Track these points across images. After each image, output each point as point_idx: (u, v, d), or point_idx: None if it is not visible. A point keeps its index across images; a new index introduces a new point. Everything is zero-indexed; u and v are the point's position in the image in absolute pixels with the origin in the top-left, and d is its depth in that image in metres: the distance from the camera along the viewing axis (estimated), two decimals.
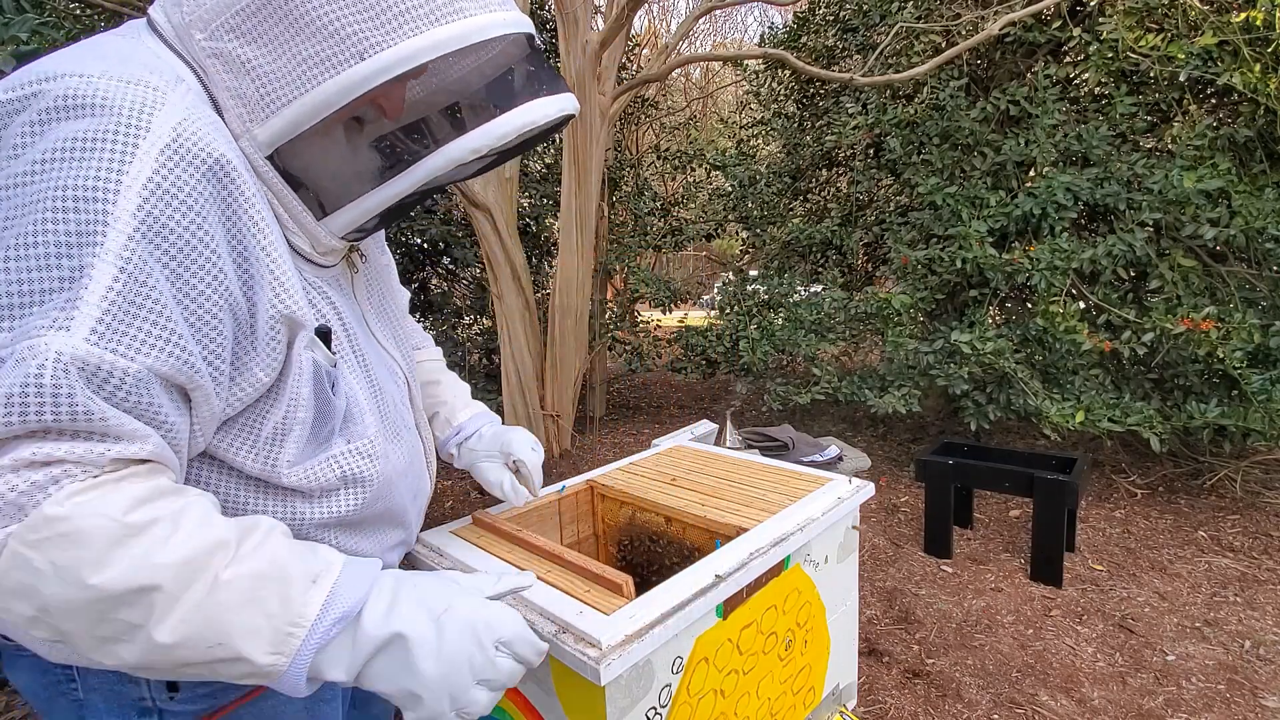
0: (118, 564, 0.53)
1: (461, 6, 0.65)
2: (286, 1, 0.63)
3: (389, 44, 0.63)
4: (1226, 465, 3.55)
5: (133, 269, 0.56)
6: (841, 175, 5.80)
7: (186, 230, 0.59)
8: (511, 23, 0.68)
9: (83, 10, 4.12)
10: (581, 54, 3.92)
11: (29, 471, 0.52)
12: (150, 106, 0.59)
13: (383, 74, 0.63)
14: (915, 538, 3.17)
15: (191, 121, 0.61)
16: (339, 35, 0.62)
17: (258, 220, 0.65)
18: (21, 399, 0.51)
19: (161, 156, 0.58)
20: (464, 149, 0.67)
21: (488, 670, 0.65)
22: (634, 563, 1.37)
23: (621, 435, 5.07)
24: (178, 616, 0.55)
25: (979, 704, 2.06)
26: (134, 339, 0.56)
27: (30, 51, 1.39)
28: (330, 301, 0.77)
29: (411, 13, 0.63)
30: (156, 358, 0.57)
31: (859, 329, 4.33)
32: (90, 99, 0.57)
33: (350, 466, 0.75)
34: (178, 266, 0.59)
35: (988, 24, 3.41)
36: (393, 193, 0.69)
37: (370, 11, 0.62)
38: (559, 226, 4.64)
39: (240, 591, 0.58)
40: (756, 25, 14.56)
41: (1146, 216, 3.28)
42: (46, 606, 0.53)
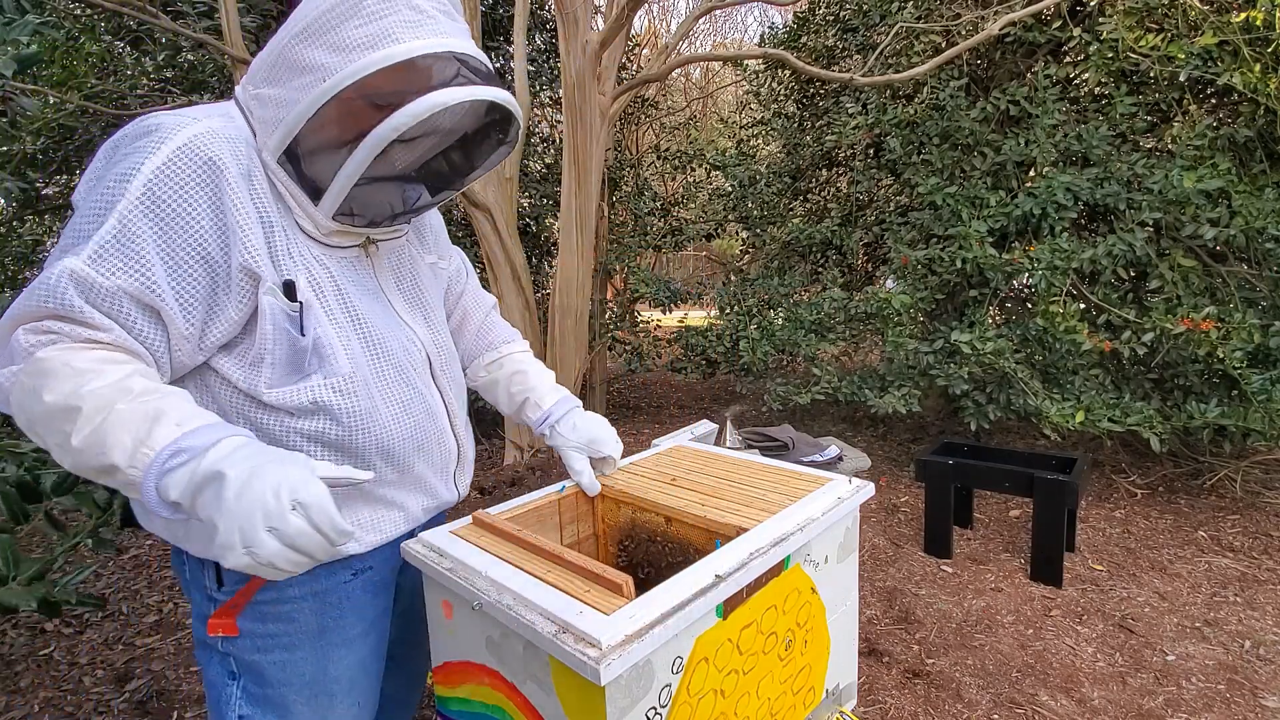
0: (60, 390, 0.80)
1: (397, 36, 0.89)
2: (286, 51, 0.91)
3: (339, 68, 0.88)
4: (1226, 465, 3.55)
5: (126, 223, 0.84)
6: (841, 175, 5.79)
7: (175, 202, 0.86)
8: (433, 45, 0.90)
9: (82, 10, 4.12)
10: (581, 54, 3.92)
11: (38, 335, 0.83)
12: (180, 127, 0.89)
13: (331, 90, 0.88)
14: (915, 538, 3.17)
15: (203, 135, 0.89)
16: (313, 68, 0.89)
17: (238, 204, 0.91)
18: (42, 292, 0.82)
19: (171, 154, 0.87)
20: (383, 131, 0.87)
21: (276, 520, 0.77)
22: (634, 563, 1.37)
23: (621, 435, 5.06)
24: (86, 430, 0.79)
25: (979, 704, 2.06)
26: (113, 267, 0.83)
27: (32, 55, 1.39)
28: (327, 270, 1.00)
29: (359, 46, 0.88)
30: (126, 281, 0.84)
31: (859, 329, 4.33)
32: (152, 125, 0.90)
33: (320, 396, 0.96)
34: (163, 225, 0.86)
35: (988, 24, 3.40)
36: (348, 174, 0.91)
37: (333, 49, 0.88)
38: (559, 226, 4.64)
39: (125, 420, 0.80)
40: (756, 25, 14.57)
41: (1146, 216, 3.28)
42: (31, 416, 0.82)
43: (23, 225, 4.77)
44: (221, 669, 1.04)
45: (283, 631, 1.02)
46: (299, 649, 1.03)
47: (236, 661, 1.03)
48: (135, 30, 4.06)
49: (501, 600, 0.94)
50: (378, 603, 1.12)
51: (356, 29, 0.88)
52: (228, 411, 0.94)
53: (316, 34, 0.89)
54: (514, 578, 0.98)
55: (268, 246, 0.93)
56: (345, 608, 1.06)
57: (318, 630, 1.04)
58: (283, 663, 1.02)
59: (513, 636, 0.95)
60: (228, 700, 1.03)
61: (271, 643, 1.02)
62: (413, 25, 0.90)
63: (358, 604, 1.08)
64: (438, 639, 1.13)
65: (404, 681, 1.29)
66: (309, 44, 0.89)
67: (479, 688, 1.05)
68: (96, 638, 2.57)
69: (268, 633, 1.01)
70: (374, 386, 1.01)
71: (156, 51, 4.25)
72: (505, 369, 1.39)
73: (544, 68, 5.82)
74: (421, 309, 1.15)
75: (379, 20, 0.88)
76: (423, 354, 1.11)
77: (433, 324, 1.16)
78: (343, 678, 1.08)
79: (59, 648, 2.51)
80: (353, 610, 1.07)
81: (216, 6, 3.29)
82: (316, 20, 0.89)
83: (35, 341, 0.82)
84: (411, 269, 1.16)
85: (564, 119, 4.19)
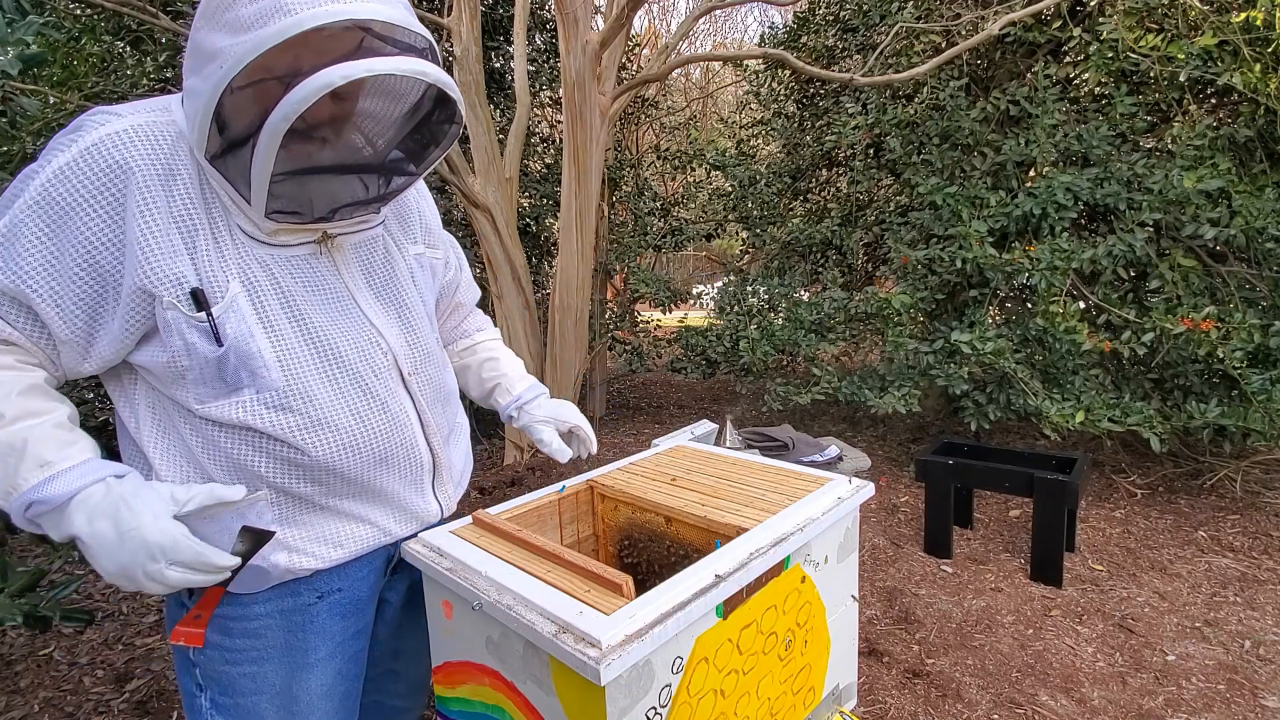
0: None
1: (291, 9, 0.78)
2: (196, 39, 0.83)
3: (236, 50, 0.78)
4: (1226, 465, 3.55)
5: (16, 222, 0.82)
6: (841, 175, 5.79)
7: (68, 205, 0.82)
8: (333, 14, 0.79)
9: (83, 10, 4.12)
10: (581, 54, 3.92)
11: None
12: (98, 126, 0.85)
13: (229, 74, 0.78)
14: (915, 538, 3.17)
15: (116, 135, 0.84)
16: (215, 53, 0.80)
17: (147, 210, 0.85)
18: None
19: (76, 155, 0.83)
20: (278, 116, 0.78)
21: (159, 576, 0.83)
22: (634, 563, 1.37)
23: (621, 435, 5.07)
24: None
25: (979, 704, 2.06)
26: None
27: (36, 55, 1.39)
28: (269, 272, 0.93)
29: (253, 23, 0.78)
30: (2, 279, 0.82)
31: (859, 329, 4.33)
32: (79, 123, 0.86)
33: (252, 411, 0.90)
34: (52, 227, 0.83)
35: (988, 24, 3.40)
36: (259, 168, 0.83)
37: (229, 29, 0.79)
38: (559, 226, 4.63)
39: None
40: (756, 25, 14.57)
41: (1146, 216, 3.27)
42: None
43: None
44: (189, 679, 1.02)
45: (250, 646, 0.99)
46: (268, 663, 1.00)
47: (203, 673, 1.00)
48: (135, 30, 4.05)
49: (501, 600, 0.94)
50: (347, 625, 1.07)
51: (250, 5, 0.78)
52: (177, 423, 0.92)
53: (215, 13, 0.81)
54: (514, 578, 0.98)
55: (188, 252, 0.87)
56: (309, 630, 1.02)
57: (284, 648, 1.01)
58: (253, 674, 1.00)
59: (513, 636, 0.95)
60: (198, 711, 1.02)
61: (240, 656, 0.99)
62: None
63: (321, 627, 1.03)
64: (438, 639, 1.13)
65: (405, 690, 1.26)
66: (210, 26, 0.81)
67: (479, 688, 1.05)
68: (96, 638, 2.57)
69: (235, 647, 0.99)
70: (321, 396, 0.94)
71: (156, 51, 4.25)
72: (478, 355, 1.39)
73: (544, 68, 5.82)
74: (396, 306, 1.07)
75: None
76: (388, 357, 1.03)
77: (408, 322, 1.07)
78: (311, 697, 1.04)
79: (59, 648, 2.51)
80: (316, 633, 1.02)
81: None
82: (211, 2, 0.81)
83: None
84: (387, 262, 1.07)
85: (564, 119, 4.19)
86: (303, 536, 0.97)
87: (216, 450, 0.91)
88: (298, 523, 0.97)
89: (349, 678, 1.09)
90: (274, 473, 0.93)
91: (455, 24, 3.92)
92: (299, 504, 0.97)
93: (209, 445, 0.91)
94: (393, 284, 1.07)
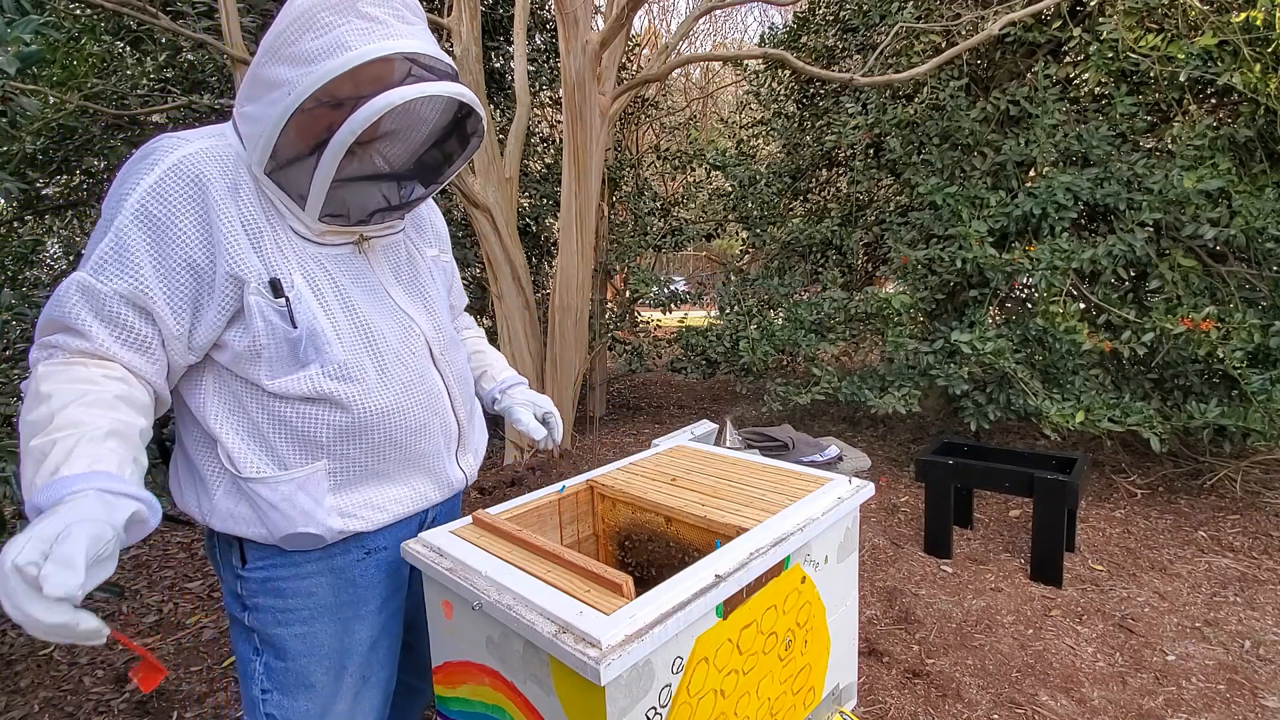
0: (24, 413, 0.90)
1: (350, 44, 0.94)
2: (259, 71, 0.99)
3: (301, 80, 0.94)
4: (1226, 465, 3.55)
5: (121, 236, 0.95)
6: (841, 175, 5.79)
7: (164, 216, 0.96)
8: (385, 48, 0.96)
9: (83, 10, 4.12)
10: (581, 54, 3.92)
11: (40, 351, 0.96)
12: (173, 149, 0.99)
13: (295, 103, 0.94)
14: (915, 538, 3.17)
15: (192, 156, 0.98)
16: (280, 83, 0.96)
17: (224, 216, 0.99)
18: (55, 303, 0.95)
19: (163, 174, 0.97)
20: (342, 135, 0.94)
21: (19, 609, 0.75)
22: (634, 563, 1.37)
23: (621, 435, 5.07)
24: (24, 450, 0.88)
25: (979, 704, 2.06)
26: (111, 274, 0.94)
27: (34, 53, 1.39)
28: (322, 266, 1.08)
29: (316, 57, 0.94)
30: (122, 285, 0.94)
31: (859, 329, 4.33)
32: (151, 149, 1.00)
33: (319, 384, 1.04)
34: (154, 236, 0.96)
35: (988, 24, 3.40)
36: (321, 177, 0.99)
37: (293, 62, 0.95)
38: (559, 226, 4.63)
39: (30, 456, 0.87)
40: (756, 25, 14.56)
41: (1146, 216, 3.27)
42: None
43: (23, 225, 4.77)
44: (247, 645, 1.13)
45: (301, 605, 1.10)
46: (317, 621, 1.11)
47: (260, 637, 1.11)
48: (135, 30, 4.05)
49: (501, 600, 0.94)
50: (391, 581, 1.18)
51: (312, 41, 0.95)
52: (246, 404, 1.04)
53: (279, 50, 0.96)
54: (514, 578, 0.98)
55: (255, 251, 1.01)
56: (360, 584, 1.14)
57: (334, 605, 1.12)
58: (303, 635, 1.10)
59: (513, 636, 0.95)
60: (252, 675, 1.12)
61: (291, 616, 1.10)
62: (363, 32, 0.96)
63: (371, 581, 1.15)
64: (438, 639, 1.13)
65: (417, 670, 1.36)
66: (274, 61, 0.97)
67: (479, 688, 1.05)
68: None
69: (288, 607, 1.09)
70: (371, 371, 1.08)
71: (156, 51, 4.25)
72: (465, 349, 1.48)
73: (544, 68, 5.82)
74: (421, 298, 1.21)
75: (331, 31, 0.95)
76: (421, 340, 1.17)
77: (432, 312, 1.22)
78: (360, 650, 1.15)
79: (59, 648, 2.51)
80: (367, 586, 1.14)
81: (216, 6, 3.29)
82: (278, 38, 0.97)
83: (35, 357, 0.95)
84: (410, 262, 1.23)
85: (564, 119, 4.18)
86: (354, 502, 1.09)
87: (282, 424, 1.03)
88: (350, 489, 1.09)
89: (391, 634, 1.21)
90: (334, 441, 1.06)
91: (455, 24, 3.92)
92: (352, 471, 1.09)
93: (275, 420, 1.03)
94: (417, 280, 1.22)
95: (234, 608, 1.13)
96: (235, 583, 1.11)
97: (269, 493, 1.03)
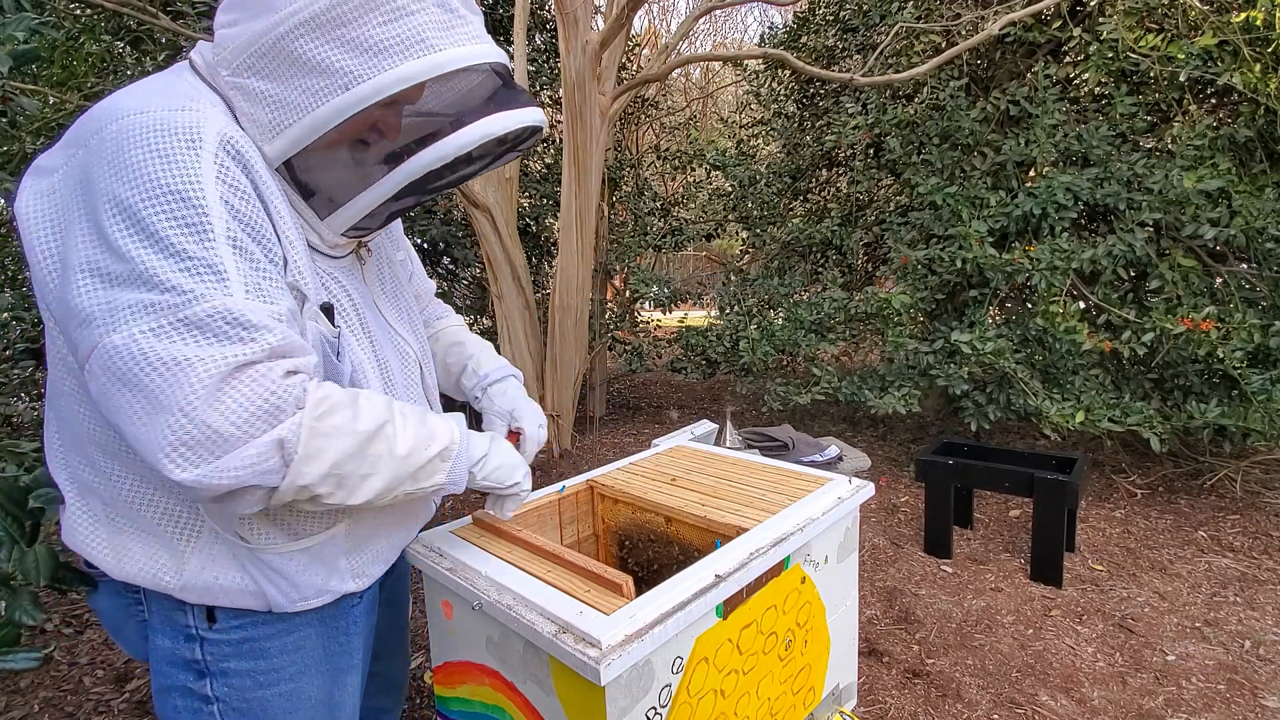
0: (364, 414, 0.81)
1: (432, 43, 0.79)
2: (289, 45, 0.78)
3: (368, 76, 0.77)
4: (1226, 465, 3.55)
5: (241, 247, 0.75)
6: (841, 175, 5.79)
7: (250, 210, 0.77)
8: (476, 55, 0.81)
9: (82, 10, 4.12)
10: (581, 54, 3.92)
11: (289, 379, 0.75)
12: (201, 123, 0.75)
13: (360, 103, 0.78)
14: (915, 538, 3.17)
15: (229, 130, 0.78)
16: (329, 70, 0.77)
17: (279, 207, 0.82)
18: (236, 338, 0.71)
19: (215, 160, 0.74)
20: (428, 160, 0.81)
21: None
22: (634, 563, 1.37)
23: (621, 435, 5.07)
24: (407, 432, 0.85)
25: (979, 704, 2.06)
26: (269, 293, 0.76)
27: (28, 51, 1.38)
28: (340, 285, 0.93)
29: (388, 49, 0.77)
30: (285, 299, 0.78)
31: (859, 329, 4.33)
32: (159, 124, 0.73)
33: None
34: (252, 233, 0.77)
35: (988, 24, 3.40)
36: (375, 197, 0.84)
37: (353, 49, 0.77)
38: (559, 226, 4.63)
39: (413, 411, 0.88)
40: (756, 25, 14.55)
41: (1146, 216, 3.27)
42: (335, 459, 0.78)
43: None
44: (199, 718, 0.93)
45: (288, 663, 0.95)
46: (305, 677, 0.97)
47: (226, 706, 0.93)
48: (135, 30, 4.05)
49: (501, 600, 0.94)
50: (369, 621, 1.08)
51: (380, 27, 0.77)
52: None
53: (328, 27, 0.77)
54: (514, 578, 0.98)
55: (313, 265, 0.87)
56: (351, 632, 1.02)
57: (324, 657, 0.99)
58: (288, 693, 0.96)
59: (513, 636, 0.95)
60: None
61: (276, 676, 0.94)
62: (444, 27, 0.80)
63: (360, 627, 1.04)
64: (438, 639, 1.13)
65: (383, 688, 1.25)
66: (318, 38, 0.77)
67: (479, 688, 1.05)
68: (96, 638, 2.57)
69: (271, 667, 0.94)
70: None
71: (156, 51, 4.25)
72: (442, 341, 1.31)
73: (544, 68, 5.82)
74: (406, 314, 1.08)
75: (406, 18, 0.78)
76: (415, 364, 1.06)
77: (416, 329, 1.09)
78: (350, 703, 1.03)
79: (59, 648, 2.51)
80: (357, 634, 1.03)
81: (216, 6, 3.29)
82: (325, 11, 0.76)
83: (295, 384, 0.76)
84: (391, 271, 1.09)
85: (564, 119, 4.18)
86: (366, 559, 0.98)
87: None
88: (363, 547, 0.97)
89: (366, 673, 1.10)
90: None
91: None
92: (367, 527, 0.97)
93: None
94: (397, 289, 1.08)
95: (180, 677, 0.91)
96: (189, 647, 0.90)
97: (282, 563, 0.87)
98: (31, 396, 3.86)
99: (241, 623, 0.90)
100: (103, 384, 0.70)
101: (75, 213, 0.74)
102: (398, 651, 1.24)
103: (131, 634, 0.95)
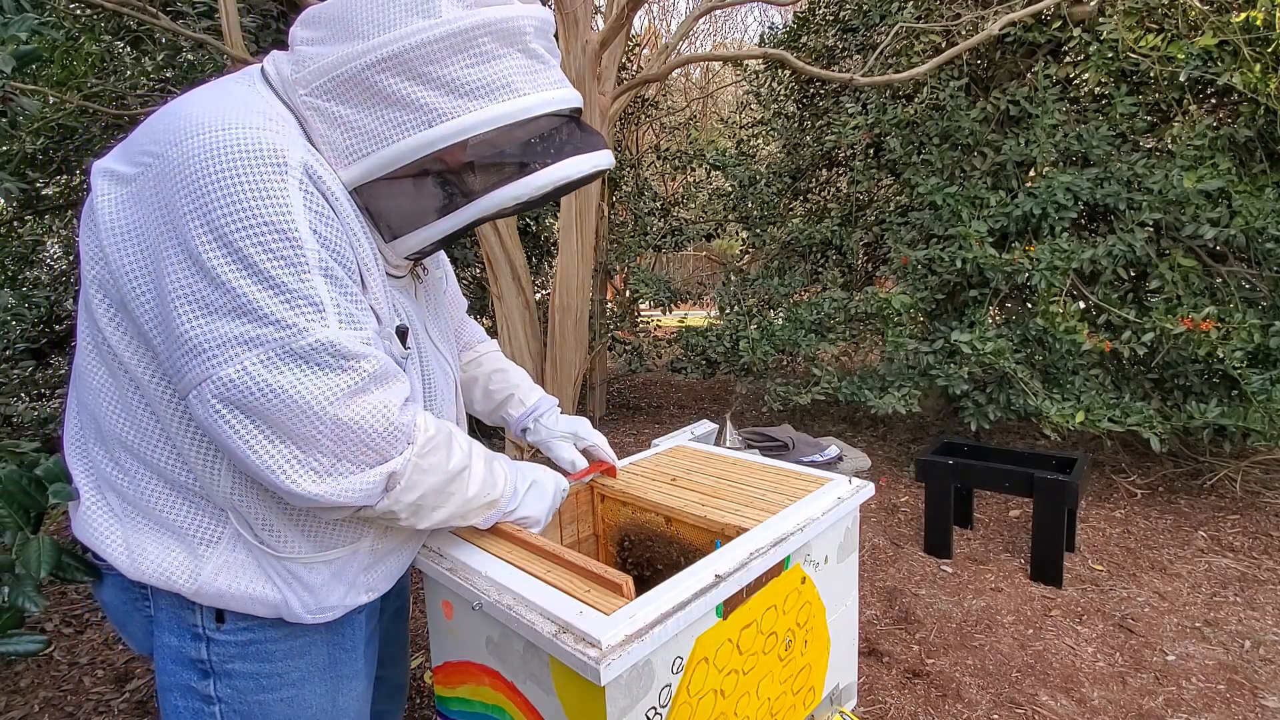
0: (455, 454, 0.91)
1: (516, 86, 0.82)
2: (373, 76, 0.80)
3: (453, 115, 0.80)
4: (1226, 465, 3.55)
5: (330, 274, 0.78)
6: (841, 175, 5.79)
7: (334, 235, 0.80)
8: (558, 100, 0.85)
9: (82, 10, 4.12)
10: (581, 54, 3.92)
11: (404, 413, 0.83)
12: (280, 148, 0.76)
13: (445, 140, 0.80)
14: (915, 538, 3.17)
15: (308, 154, 0.79)
16: (414, 105, 0.80)
17: (355, 230, 0.84)
18: (348, 365, 0.77)
19: (301, 186, 0.76)
20: (506, 197, 0.84)
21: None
22: (634, 563, 1.37)
23: (621, 435, 5.06)
24: (479, 478, 0.96)
25: (979, 704, 2.06)
26: (358, 319, 0.80)
27: (30, 51, 1.39)
28: (405, 306, 0.97)
29: (475, 91, 0.80)
30: (372, 322, 0.83)
31: (859, 329, 4.32)
32: (243, 145, 0.74)
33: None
34: (338, 259, 0.80)
35: (988, 24, 3.40)
36: (447, 227, 0.87)
37: (440, 88, 0.80)
38: (559, 226, 4.63)
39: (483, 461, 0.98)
40: (756, 25, 14.55)
41: (1146, 216, 3.27)
42: (424, 493, 0.88)
43: (23, 225, 4.77)
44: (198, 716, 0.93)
45: (292, 668, 0.95)
46: (308, 684, 0.97)
47: (228, 707, 0.93)
48: (135, 30, 4.05)
49: (501, 600, 0.94)
50: (370, 623, 1.09)
51: (468, 69, 0.79)
52: None
53: (413, 65, 0.79)
54: (514, 578, 0.98)
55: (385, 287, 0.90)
56: (356, 639, 1.03)
57: (329, 663, 0.99)
58: (290, 699, 0.96)
59: (513, 636, 0.95)
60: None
61: (279, 680, 0.94)
62: (529, 73, 0.83)
63: (364, 635, 1.05)
64: (438, 639, 1.13)
65: (386, 694, 1.26)
66: (402, 75, 0.79)
67: (479, 688, 1.05)
68: (96, 638, 2.57)
69: (275, 671, 0.94)
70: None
71: (156, 51, 4.25)
72: (484, 367, 1.37)
73: None
74: (446, 333, 1.12)
75: (492, 63, 0.80)
76: (453, 382, 1.10)
77: (454, 349, 1.14)
78: (351, 709, 1.03)
79: (59, 648, 2.51)
80: (361, 641, 1.04)
81: (216, 6, 3.29)
82: (413, 50, 0.78)
83: (408, 417, 0.84)
84: (434, 291, 1.12)
85: None
86: (378, 575, 1.00)
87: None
88: (381, 562, 1.00)
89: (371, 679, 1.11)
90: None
91: None
92: (390, 543, 1.00)
93: None
94: (438, 309, 1.12)
95: (184, 675, 0.91)
96: (195, 646, 0.90)
97: (305, 573, 0.89)
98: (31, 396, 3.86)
99: (249, 625, 0.91)
100: (217, 411, 0.74)
101: (162, 232, 0.75)
102: (400, 656, 1.27)
103: (137, 629, 0.95)
